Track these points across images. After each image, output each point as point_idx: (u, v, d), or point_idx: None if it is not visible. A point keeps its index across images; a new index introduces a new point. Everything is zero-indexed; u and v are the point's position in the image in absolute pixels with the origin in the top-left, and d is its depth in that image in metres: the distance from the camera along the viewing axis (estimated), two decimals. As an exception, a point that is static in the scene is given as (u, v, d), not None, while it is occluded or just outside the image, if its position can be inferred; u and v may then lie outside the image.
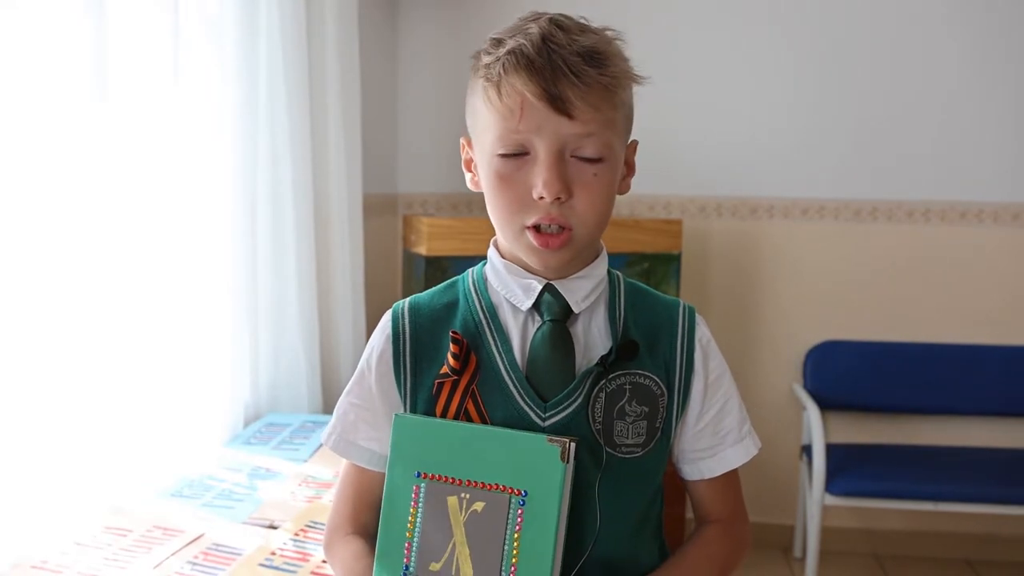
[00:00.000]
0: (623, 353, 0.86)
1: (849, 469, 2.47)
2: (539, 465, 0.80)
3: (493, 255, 0.91)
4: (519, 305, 0.88)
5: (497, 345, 0.87)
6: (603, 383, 0.85)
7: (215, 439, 1.83)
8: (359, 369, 0.93)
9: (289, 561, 1.30)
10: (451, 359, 0.85)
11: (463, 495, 0.83)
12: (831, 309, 2.78)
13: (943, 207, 2.71)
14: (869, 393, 2.73)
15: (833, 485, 2.41)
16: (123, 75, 1.49)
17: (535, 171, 0.81)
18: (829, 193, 2.74)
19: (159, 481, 1.59)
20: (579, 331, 0.88)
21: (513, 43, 0.81)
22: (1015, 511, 2.41)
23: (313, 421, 1.97)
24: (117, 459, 1.52)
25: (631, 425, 0.86)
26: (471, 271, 0.93)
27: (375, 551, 0.87)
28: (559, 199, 0.81)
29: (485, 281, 0.91)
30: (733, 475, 0.94)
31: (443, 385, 0.87)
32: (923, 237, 2.72)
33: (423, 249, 2.36)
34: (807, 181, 2.75)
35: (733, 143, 2.76)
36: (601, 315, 0.89)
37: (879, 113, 2.70)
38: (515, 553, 0.80)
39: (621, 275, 0.93)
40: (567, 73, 0.79)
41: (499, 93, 0.81)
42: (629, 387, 0.86)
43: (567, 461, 0.80)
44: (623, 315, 0.89)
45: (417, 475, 0.84)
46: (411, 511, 0.84)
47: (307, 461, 1.73)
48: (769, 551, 2.80)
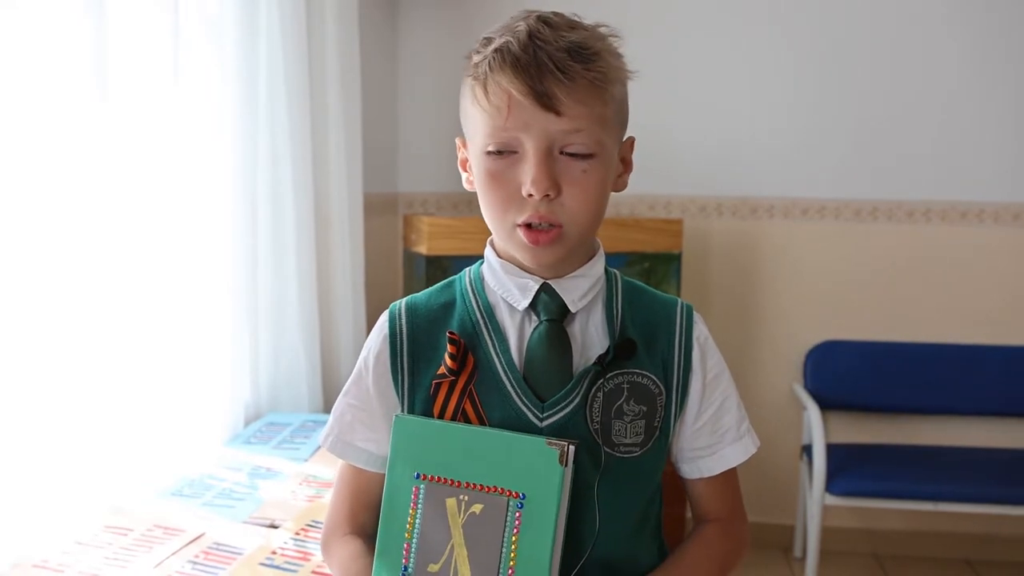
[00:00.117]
0: (621, 352, 0.85)
1: (849, 469, 2.47)
2: (538, 468, 0.80)
3: (490, 254, 0.91)
4: (516, 305, 0.87)
5: (494, 345, 0.87)
6: (601, 383, 0.85)
7: (215, 438, 1.83)
8: (356, 370, 0.93)
9: (290, 560, 1.30)
10: (448, 359, 0.85)
11: (462, 497, 0.82)
12: (831, 309, 2.78)
13: (943, 207, 2.70)
14: (869, 393, 2.73)
15: (833, 485, 2.41)
16: (123, 75, 1.49)
17: (524, 169, 0.81)
18: (829, 193, 2.74)
19: (160, 480, 1.59)
20: (576, 330, 0.87)
21: (500, 41, 0.81)
22: (1015, 511, 2.40)
23: (313, 420, 1.98)
24: (118, 458, 1.52)
25: (629, 424, 0.85)
26: (468, 271, 0.93)
27: (373, 551, 0.87)
28: (548, 196, 0.80)
29: (482, 281, 0.90)
30: (732, 474, 0.94)
31: (440, 385, 0.86)
32: (923, 237, 2.72)
33: (423, 248, 2.36)
34: (807, 181, 2.75)
35: (734, 143, 2.76)
36: (598, 314, 0.89)
37: (879, 113, 2.70)
38: (513, 555, 0.80)
39: (619, 273, 0.93)
40: (553, 70, 0.78)
41: (486, 92, 0.81)
42: (627, 386, 0.86)
43: (566, 464, 0.80)
44: (620, 314, 0.89)
45: (416, 476, 0.84)
46: (410, 512, 0.84)
47: (307, 460, 1.73)
48: (769, 551, 2.80)
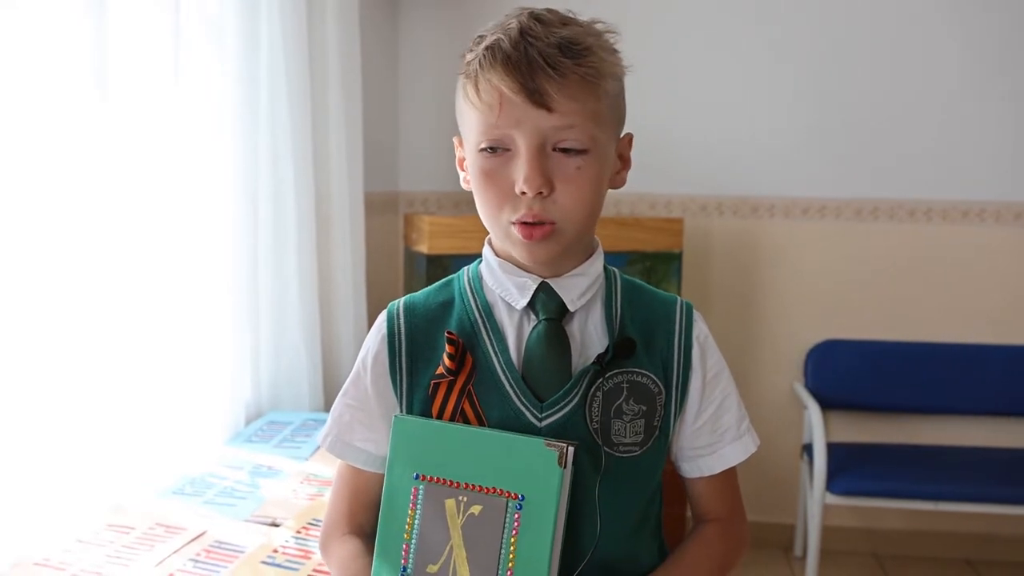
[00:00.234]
0: (620, 351, 0.85)
1: (850, 468, 2.47)
2: (537, 469, 0.80)
3: (488, 253, 0.90)
4: (514, 304, 0.87)
5: (493, 345, 0.86)
6: (600, 382, 0.84)
7: (217, 437, 1.83)
8: (355, 370, 0.92)
9: (291, 559, 1.31)
10: (447, 359, 0.85)
11: (461, 498, 0.82)
12: (832, 308, 2.78)
13: (944, 206, 2.70)
14: (870, 392, 2.73)
15: (834, 484, 2.41)
16: (124, 75, 1.48)
17: (517, 166, 0.80)
18: (830, 192, 2.74)
19: (161, 479, 1.59)
20: (575, 329, 0.87)
21: (492, 39, 0.81)
22: (1015, 511, 2.41)
23: (314, 419, 1.98)
24: (119, 457, 1.52)
25: (629, 424, 0.85)
26: (466, 269, 0.92)
27: (371, 551, 0.87)
28: (541, 194, 0.80)
29: (480, 280, 0.90)
30: (732, 473, 0.93)
31: (439, 385, 0.86)
32: (924, 236, 2.72)
33: (424, 247, 2.36)
34: (808, 180, 2.74)
35: (734, 142, 2.76)
36: (597, 313, 0.88)
37: (880, 112, 2.70)
38: (512, 557, 0.80)
39: (618, 272, 0.92)
40: (543, 66, 0.78)
41: (477, 90, 0.81)
42: (626, 386, 0.85)
43: (565, 466, 0.79)
44: (620, 312, 0.88)
45: (416, 477, 0.84)
46: (409, 512, 0.84)
47: (308, 459, 1.73)
48: (770, 550, 2.80)
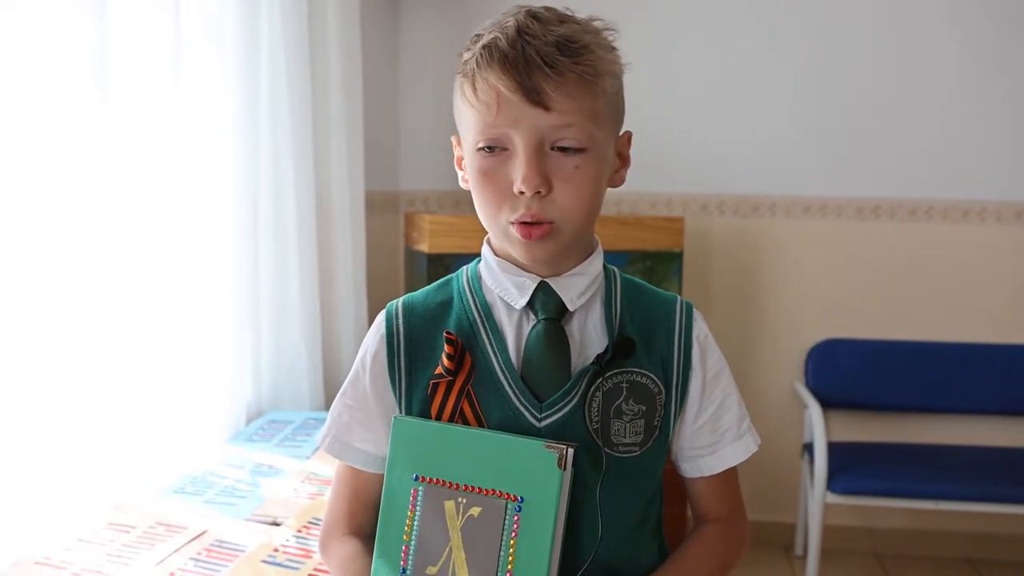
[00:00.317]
0: (619, 351, 0.84)
1: (850, 467, 2.47)
2: (536, 471, 0.79)
3: (487, 253, 0.90)
4: (513, 303, 0.87)
5: (492, 345, 0.86)
6: (599, 382, 0.84)
7: (217, 436, 1.83)
8: (353, 370, 0.92)
9: (292, 558, 1.31)
10: (445, 360, 0.84)
11: (460, 499, 0.82)
12: (833, 307, 2.78)
13: (945, 205, 2.70)
14: (871, 391, 2.73)
15: (834, 483, 2.41)
16: (124, 75, 1.48)
17: (515, 165, 0.80)
18: (831, 191, 2.74)
19: (162, 478, 1.60)
20: (574, 329, 0.87)
21: (489, 37, 0.80)
22: (1016, 510, 2.40)
23: (315, 418, 1.98)
24: (120, 456, 1.52)
25: (628, 424, 0.85)
26: (465, 269, 0.92)
27: (371, 552, 0.86)
28: (539, 193, 0.79)
29: (479, 279, 0.90)
30: (732, 472, 0.93)
31: (438, 386, 0.85)
32: (925, 235, 2.72)
33: (425, 246, 2.36)
34: (809, 179, 2.74)
35: (735, 141, 2.76)
36: (597, 312, 0.88)
37: (881, 111, 2.69)
38: (511, 559, 0.79)
39: (617, 271, 0.92)
40: (540, 64, 0.77)
41: (475, 89, 0.80)
42: (626, 385, 0.85)
43: (564, 468, 0.79)
44: (619, 312, 0.88)
45: (415, 478, 0.84)
46: (409, 514, 0.84)
47: (309, 458, 1.73)
48: (770, 549, 2.80)
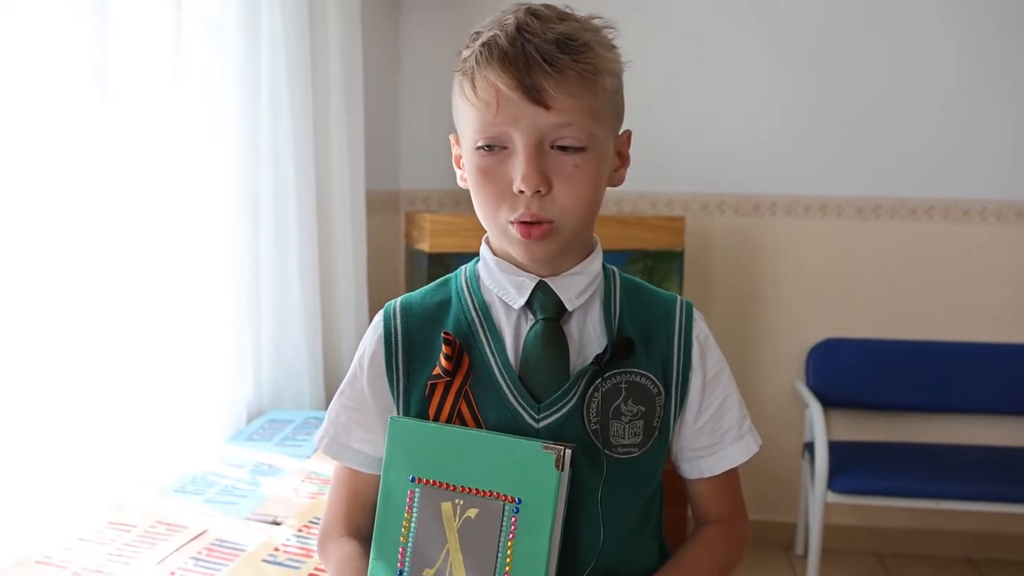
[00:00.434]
0: (619, 351, 0.84)
1: (851, 467, 2.47)
2: (534, 472, 0.79)
3: (485, 252, 0.89)
4: (511, 303, 0.86)
5: (490, 345, 0.85)
6: (598, 383, 0.83)
7: (218, 435, 1.83)
8: (351, 370, 0.91)
9: (292, 557, 1.31)
10: (443, 360, 0.84)
11: (457, 501, 0.81)
12: (834, 307, 2.78)
13: (946, 204, 2.70)
14: (871, 391, 2.73)
15: (835, 483, 2.41)
16: (125, 75, 1.48)
17: (514, 164, 0.79)
18: (831, 190, 2.74)
19: (162, 477, 1.60)
20: (573, 329, 0.86)
21: (488, 35, 0.80)
22: (1017, 509, 2.40)
23: (315, 417, 1.98)
24: (120, 455, 1.52)
25: (627, 425, 0.84)
26: (464, 268, 0.92)
27: (369, 553, 0.86)
28: (539, 192, 0.79)
29: (478, 279, 0.89)
30: (733, 473, 0.92)
31: (436, 386, 0.85)
32: (926, 235, 2.72)
33: (426, 246, 2.36)
34: (809, 178, 2.74)
35: (736, 140, 2.76)
36: (596, 312, 0.87)
37: (882, 110, 2.69)
38: (509, 560, 0.79)
39: (617, 270, 0.91)
40: (540, 62, 0.76)
41: (474, 87, 0.80)
42: (625, 386, 0.84)
43: (562, 469, 0.78)
44: (619, 312, 0.87)
45: (412, 479, 0.83)
46: (406, 515, 0.83)
47: (310, 457, 1.73)
48: (771, 549, 2.80)
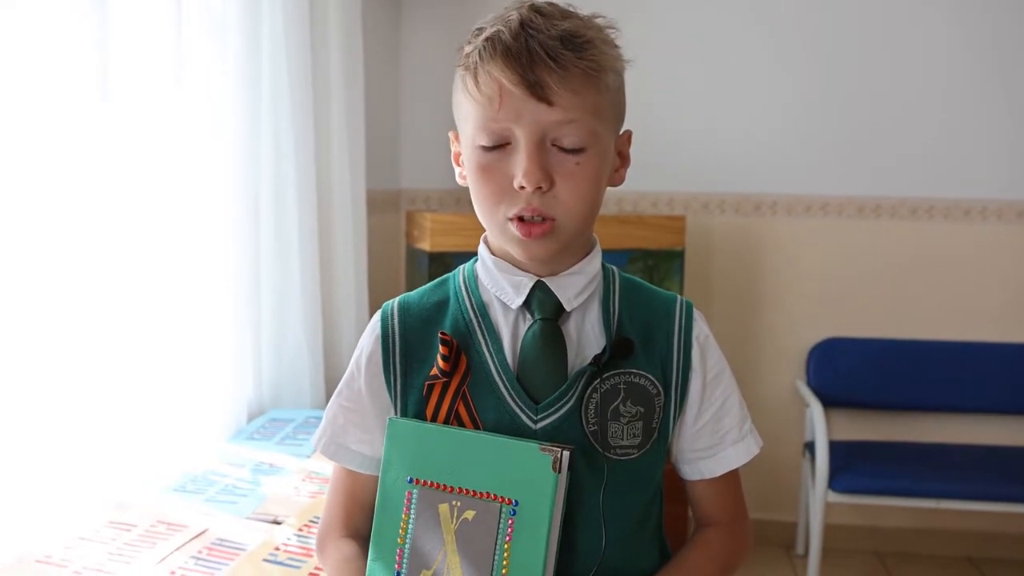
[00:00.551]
0: (617, 351, 0.83)
1: (852, 466, 2.46)
2: (531, 474, 0.78)
3: (483, 252, 0.89)
4: (509, 303, 0.85)
5: (488, 345, 0.85)
6: (597, 383, 0.82)
7: (218, 435, 1.83)
8: (348, 371, 0.91)
9: (293, 556, 1.31)
10: (440, 360, 0.83)
11: (454, 502, 0.81)
12: (834, 306, 2.77)
13: (947, 204, 2.70)
14: (872, 390, 2.73)
15: (836, 482, 2.40)
16: (125, 74, 1.49)
17: (516, 160, 0.79)
18: (832, 190, 2.73)
19: (163, 476, 1.60)
20: (571, 329, 0.85)
21: (492, 31, 0.79)
22: (1018, 509, 2.40)
23: (316, 417, 1.98)
24: (121, 454, 1.52)
25: (626, 426, 0.83)
26: (462, 268, 0.91)
27: (367, 554, 0.86)
28: (540, 189, 0.78)
29: (476, 278, 0.89)
30: (734, 475, 0.91)
31: (433, 387, 0.84)
32: (926, 234, 2.71)
33: (426, 245, 2.36)
34: (810, 178, 2.74)
35: (736, 140, 2.75)
36: (595, 312, 0.86)
37: (882, 109, 2.69)
38: (505, 563, 0.78)
39: (616, 270, 0.91)
40: (544, 58, 0.76)
41: (477, 82, 0.79)
42: (623, 387, 0.83)
43: (559, 471, 0.78)
44: (617, 312, 0.86)
45: (410, 480, 0.83)
46: (403, 517, 0.83)
47: (310, 456, 1.74)
48: (771, 548, 2.80)
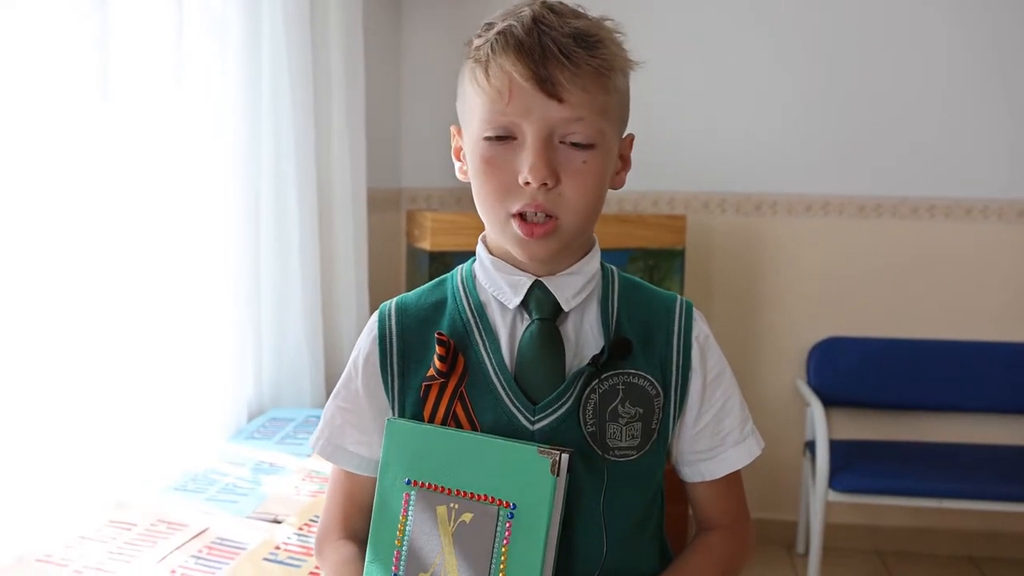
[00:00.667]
0: (616, 352, 0.82)
1: (852, 465, 2.46)
2: (529, 477, 0.78)
3: (482, 251, 0.88)
4: (507, 303, 0.85)
5: (485, 345, 0.84)
6: (595, 384, 0.82)
7: (219, 434, 1.83)
8: (346, 372, 0.91)
9: (293, 556, 1.31)
10: (437, 361, 0.82)
11: (452, 505, 0.80)
12: (835, 305, 2.77)
13: (948, 203, 2.69)
14: (873, 389, 2.72)
15: (836, 481, 2.40)
16: (126, 73, 1.49)
17: (522, 156, 0.78)
18: (833, 189, 2.73)
19: (163, 475, 1.60)
20: (570, 329, 0.85)
21: (504, 25, 0.79)
22: (1019, 508, 2.39)
23: (316, 416, 1.96)
24: (121, 454, 1.52)
25: (624, 427, 0.82)
26: (460, 268, 0.90)
27: (365, 556, 0.85)
28: (546, 185, 0.77)
29: (474, 278, 0.88)
30: (735, 476, 0.90)
31: (431, 387, 0.84)
32: (927, 234, 2.71)
33: (427, 244, 2.36)
34: (811, 177, 2.74)
35: (737, 139, 2.75)
36: (593, 312, 0.85)
37: (883, 108, 2.68)
38: (503, 566, 0.78)
39: (615, 270, 0.90)
40: (557, 54, 0.76)
41: (487, 74, 0.78)
42: (622, 387, 0.83)
43: (557, 474, 0.77)
44: (616, 312, 0.86)
45: (408, 482, 0.82)
46: (401, 519, 0.82)
47: (310, 456, 1.74)
48: (772, 547, 2.80)
